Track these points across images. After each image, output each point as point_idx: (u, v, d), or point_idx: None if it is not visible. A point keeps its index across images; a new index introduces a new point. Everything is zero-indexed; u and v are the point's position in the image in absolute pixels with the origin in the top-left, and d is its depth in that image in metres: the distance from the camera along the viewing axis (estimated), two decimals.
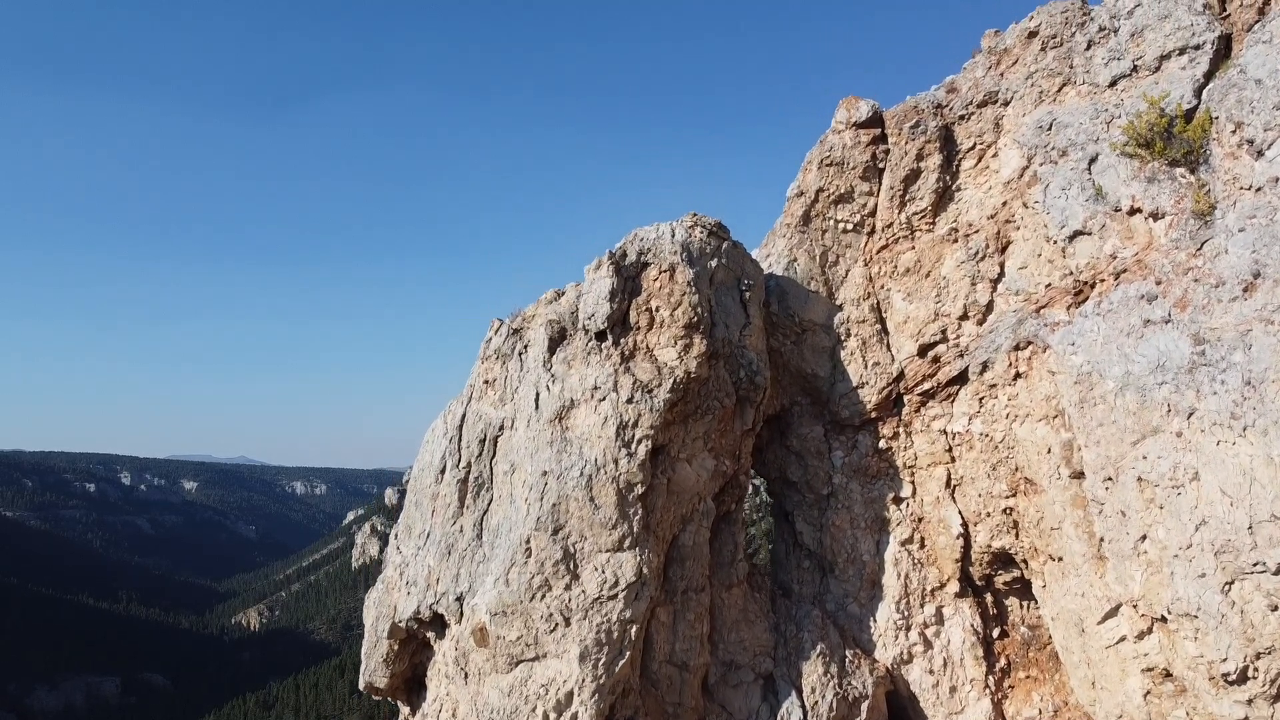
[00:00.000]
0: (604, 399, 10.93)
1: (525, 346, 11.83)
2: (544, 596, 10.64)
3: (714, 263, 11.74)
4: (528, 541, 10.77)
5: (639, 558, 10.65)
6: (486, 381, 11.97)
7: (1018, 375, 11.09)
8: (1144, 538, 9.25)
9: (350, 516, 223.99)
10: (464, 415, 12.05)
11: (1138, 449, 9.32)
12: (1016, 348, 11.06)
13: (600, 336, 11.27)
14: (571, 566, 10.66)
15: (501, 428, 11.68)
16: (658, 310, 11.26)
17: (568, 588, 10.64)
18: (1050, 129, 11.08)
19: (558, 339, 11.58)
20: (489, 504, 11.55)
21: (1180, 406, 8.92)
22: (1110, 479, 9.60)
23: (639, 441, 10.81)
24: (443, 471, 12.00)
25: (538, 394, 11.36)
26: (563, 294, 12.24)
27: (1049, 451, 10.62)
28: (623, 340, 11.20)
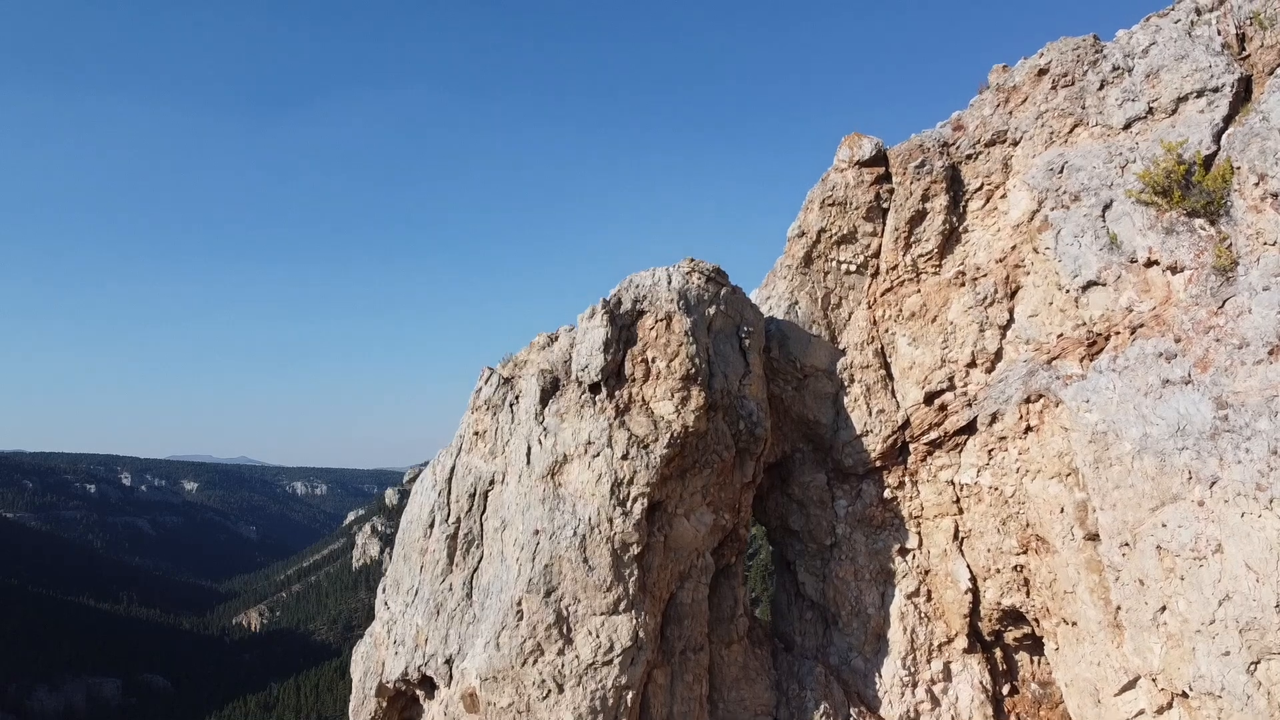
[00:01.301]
0: (598, 454, 10.51)
1: (517, 397, 11.40)
2: (536, 661, 10.23)
3: (712, 310, 11.31)
4: (519, 603, 10.35)
5: (635, 621, 10.24)
6: (476, 433, 11.54)
7: (1029, 429, 10.66)
8: (1164, 609, 8.83)
9: (351, 517, 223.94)
10: (453, 467, 11.62)
11: (1157, 516, 8.89)
12: (1027, 400, 10.62)
13: (594, 389, 10.84)
14: (565, 630, 10.25)
15: (492, 482, 11.25)
16: (654, 361, 10.83)
17: (561, 653, 10.22)
18: (1062, 172, 10.63)
19: (550, 390, 11.15)
20: (479, 562, 11.13)
21: (1202, 474, 8.49)
22: (1127, 545, 9.17)
23: (634, 499, 10.39)
24: (431, 525, 11.58)
25: (529, 448, 10.94)
26: (555, 339, 11.82)
27: (1061, 511, 10.19)
28: (617, 393, 10.77)
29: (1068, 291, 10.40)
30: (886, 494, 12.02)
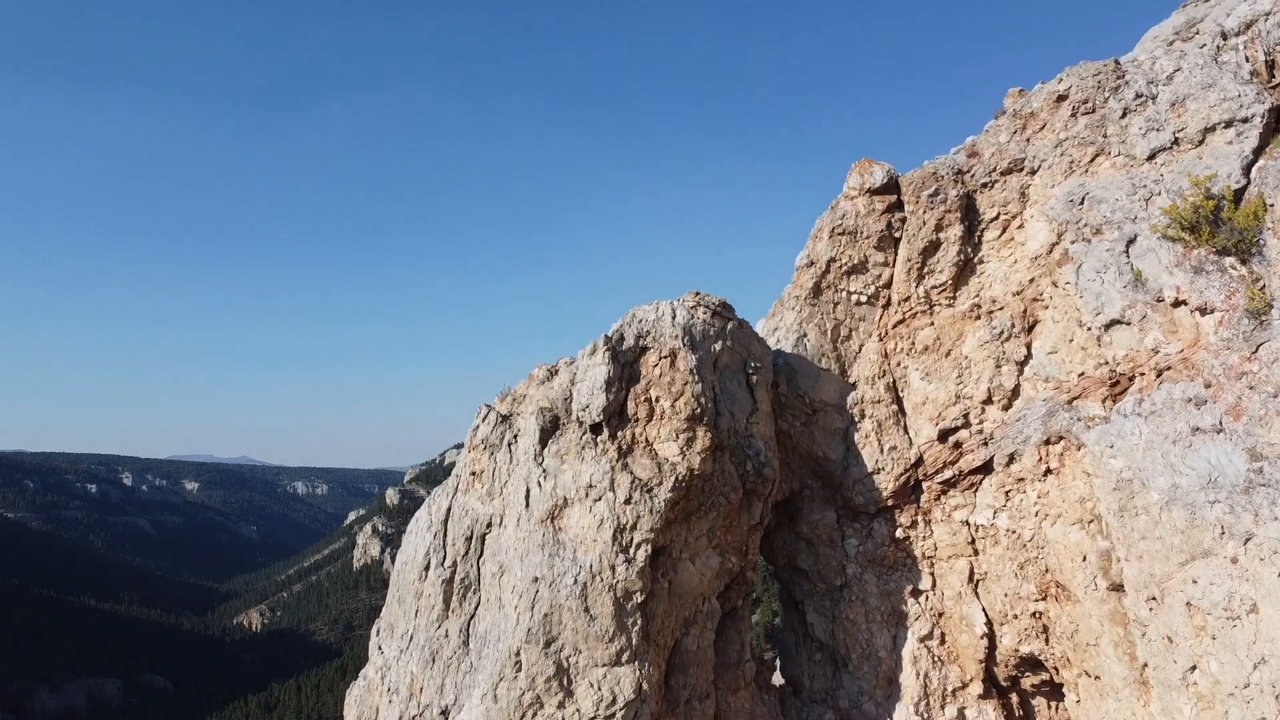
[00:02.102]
0: (599, 499, 10.09)
1: (515, 436, 10.97)
2: (535, 715, 9.81)
3: (718, 345, 10.88)
4: (518, 654, 9.93)
5: (638, 672, 9.82)
6: (474, 473, 11.12)
7: (1048, 471, 10.24)
8: (1194, 669, 8.40)
9: (351, 517, 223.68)
10: (449, 509, 11.20)
11: (1186, 571, 8.47)
12: (1047, 442, 10.20)
13: (595, 429, 10.42)
14: (565, 683, 9.83)
15: (489, 525, 10.83)
16: (658, 400, 10.41)
17: (561, 706, 9.81)
18: (1083, 203, 10.20)
19: (549, 429, 10.73)
20: (476, 608, 10.71)
21: (1236, 530, 8.06)
22: (1155, 599, 8.75)
23: (638, 546, 9.98)
24: (427, 568, 11.16)
25: (528, 490, 10.52)
26: (555, 373, 11.39)
27: (1084, 559, 9.77)
28: (620, 433, 10.35)
29: (1089, 329, 9.97)
30: (899, 533, 11.60)
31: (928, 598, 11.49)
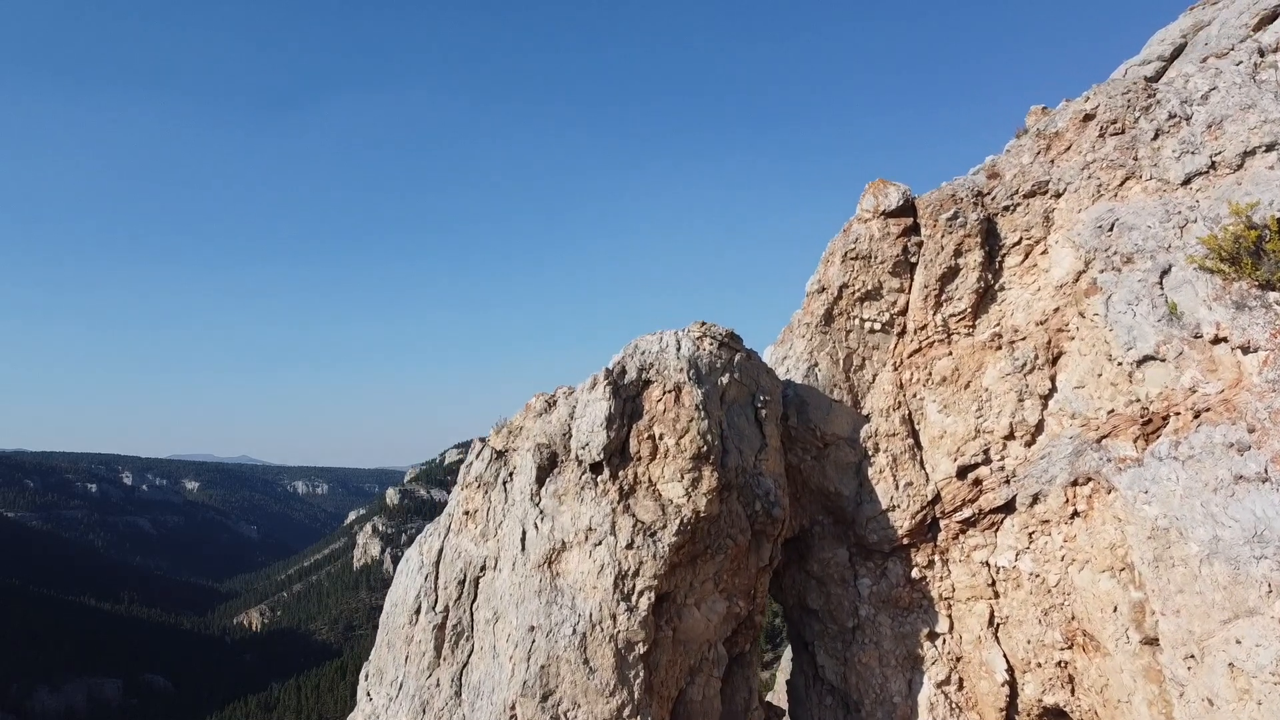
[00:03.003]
0: (600, 543, 9.53)
1: (511, 474, 10.40)
2: None
3: (725, 378, 10.31)
4: (513, 708, 9.37)
5: None
6: (467, 512, 10.54)
7: (1076, 514, 9.66)
8: None
9: (352, 516, 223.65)
10: (441, 549, 10.63)
11: (1229, 629, 7.89)
12: (1075, 483, 9.62)
13: (595, 468, 9.85)
14: None
15: (483, 568, 10.26)
16: (662, 438, 9.84)
17: None
18: (1112, 230, 9.62)
19: (547, 467, 10.16)
20: (469, 656, 10.14)
21: None
22: (1193, 658, 8.17)
23: (640, 593, 9.41)
24: (417, 612, 10.59)
25: (524, 532, 9.95)
26: (554, 404, 10.82)
27: (1115, 610, 9.20)
28: (621, 473, 9.78)
29: (1120, 364, 9.39)
30: (914, 573, 11.02)
31: (945, 641, 10.92)
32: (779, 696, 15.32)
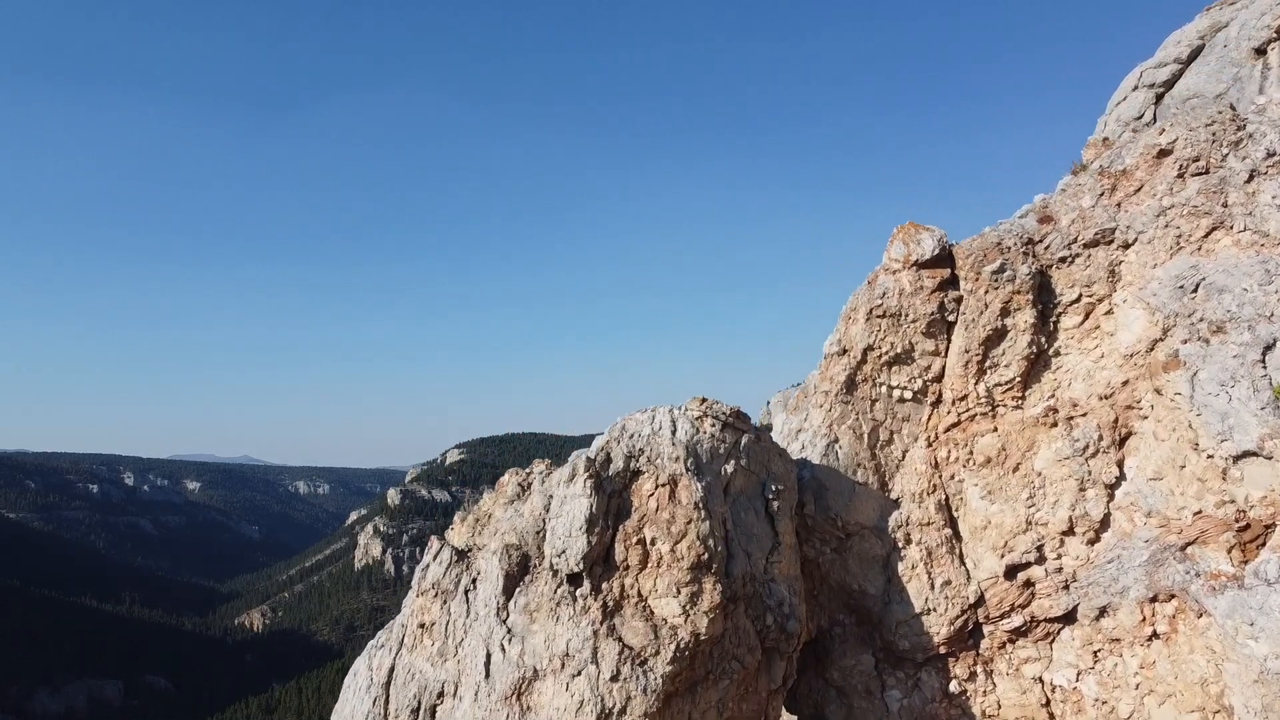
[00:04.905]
0: (579, 673, 7.88)
1: (474, 581, 8.73)
2: None
3: (730, 466, 8.66)
4: None
5: None
6: (422, 625, 8.88)
7: (1155, 636, 8.01)
8: None
9: (353, 516, 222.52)
10: (393, 668, 8.97)
11: None
12: (1154, 598, 7.97)
13: (574, 580, 8.21)
14: None
15: (441, 694, 8.60)
16: (654, 543, 8.18)
17: None
18: (1197, 291, 7.96)
19: (516, 573, 8.52)
20: None
21: None
22: None
23: None
24: None
25: (489, 654, 8.30)
26: (528, 489, 9.17)
27: None
28: (605, 586, 8.14)
29: (1210, 456, 7.72)
30: (953, 686, 9.37)
31: None
32: None
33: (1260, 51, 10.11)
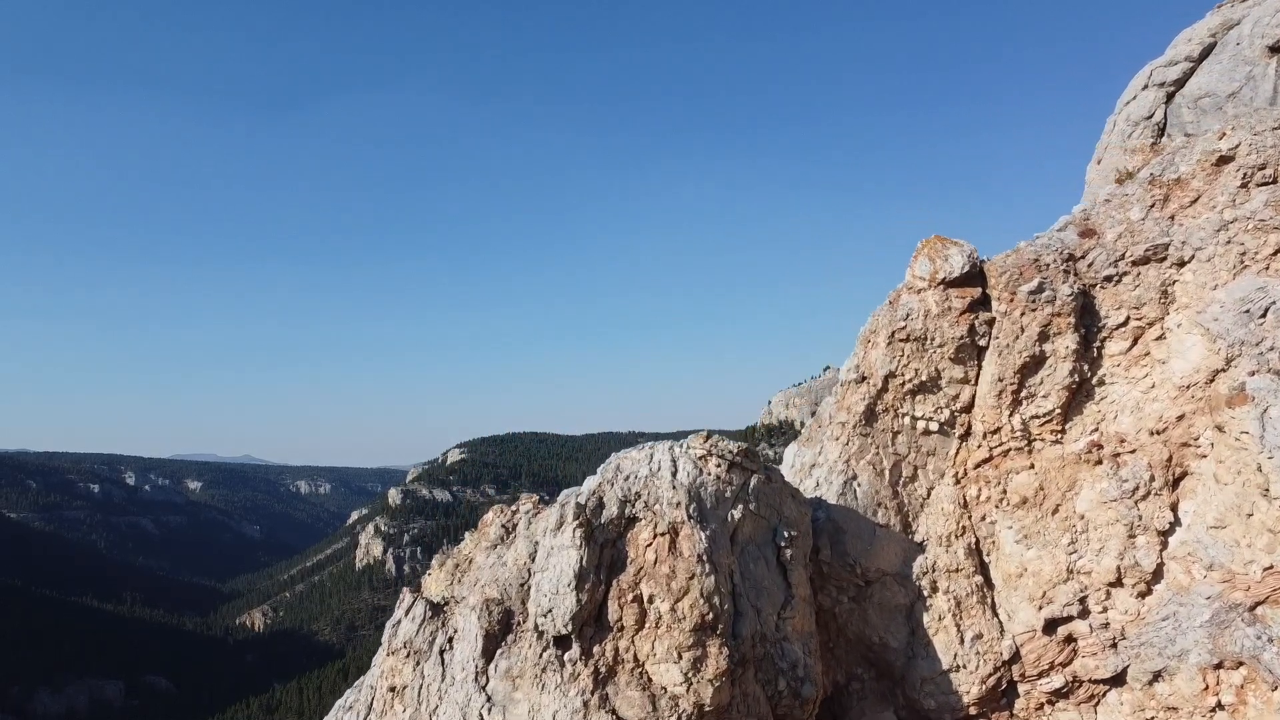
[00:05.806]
0: None
1: (450, 640, 7.81)
2: None
3: (738, 511, 7.74)
4: None
5: None
6: (393, 688, 7.96)
7: (1220, 707, 7.09)
8: None
9: (354, 516, 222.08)
10: None
11: None
12: (1218, 665, 7.05)
13: (562, 642, 7.30)
14: None
15: None
16: (652, 601, 7.27)
17: None
18: (1265, 316, 7.03)
19: (498, 632, 7.60)
20: None
21: None
22: None
23: None
24: None
25: None
26: (512, 533, 8.26)
27: None
28: (597, 649, 7.22)
29: None
30: None
31: None
32: None
33: (1275, 50, 9.21)
